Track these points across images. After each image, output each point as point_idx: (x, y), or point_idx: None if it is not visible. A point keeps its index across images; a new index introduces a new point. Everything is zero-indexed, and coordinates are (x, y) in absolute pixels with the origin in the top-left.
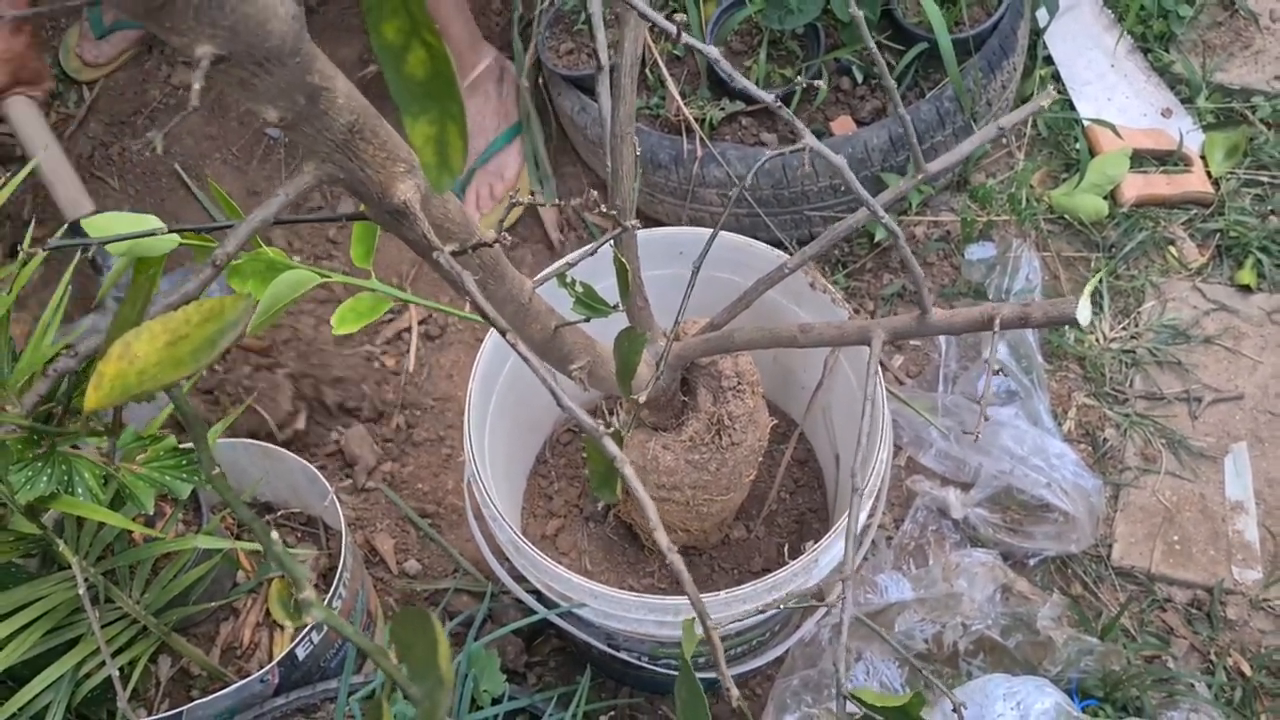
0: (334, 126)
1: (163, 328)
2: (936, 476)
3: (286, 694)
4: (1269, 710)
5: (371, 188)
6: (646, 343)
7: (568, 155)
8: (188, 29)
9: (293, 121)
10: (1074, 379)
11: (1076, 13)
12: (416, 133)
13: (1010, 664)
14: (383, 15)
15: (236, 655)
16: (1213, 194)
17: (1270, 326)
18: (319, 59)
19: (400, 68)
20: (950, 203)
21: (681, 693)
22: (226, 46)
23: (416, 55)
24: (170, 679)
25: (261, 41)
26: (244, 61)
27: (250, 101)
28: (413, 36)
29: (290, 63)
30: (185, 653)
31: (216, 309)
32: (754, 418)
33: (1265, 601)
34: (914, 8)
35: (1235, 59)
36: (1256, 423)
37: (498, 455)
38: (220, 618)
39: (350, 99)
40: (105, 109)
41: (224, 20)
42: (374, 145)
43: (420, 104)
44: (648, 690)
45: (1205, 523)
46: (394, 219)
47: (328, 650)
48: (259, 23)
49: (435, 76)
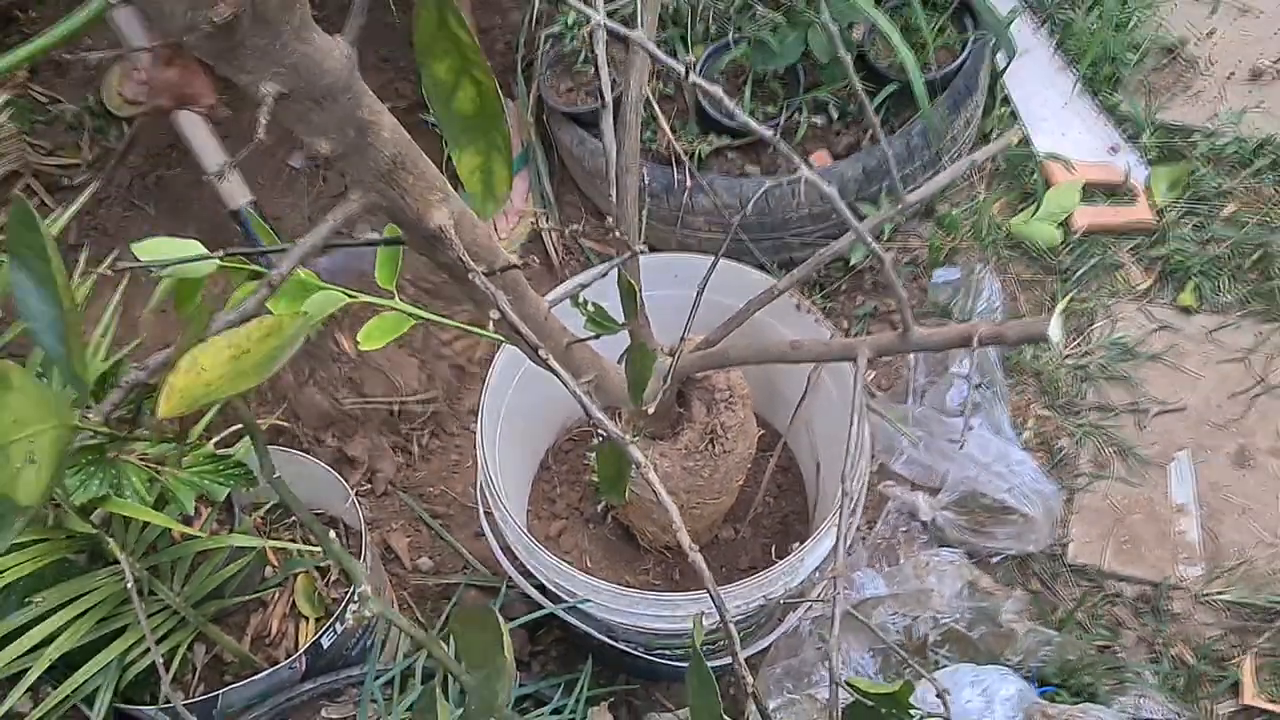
0: (379, 158)
1: (227, 343)
2: (906, 481)
3: (313, 679)
4: (1210, 696)
5: (410, 214)
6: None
7: (567, 185)
8: (254, 68)
9: (343, 153)
10: (1032, 392)
11: (1032, 56)
12: (464, 163)
13: (975, 654)
14: (434, 55)
15: (265, 643)
16: (1156, 223)
17: (1210, 344)
18: (367, 95)
19: (450, 103)
20: (918, 230)
21: (693, 679)
22: (288, 84)
23: (466, 92)
24: (205, 665)
25: (318, 80)
26: (303, 98)
27: (306, 134)
28: (463, 74)
29: (343, 99)
30: (220, 641)
31: (275, 326)
32: (744, 428)
33: (1207, 596)
34: (886, 52)
35: (1176, 100)
36: (1199, 432)
37: (506, 462)
38: (251, 609)
39: (394, 133)
40: (144, 141)
41: (286, 60)
42: (414, 175)
43: (468, 136)
44: (644, 678)
45: (1152, 524)
46: (429, 243)
47: (349, 640)
48: (316, 62)
49: (483, 111)
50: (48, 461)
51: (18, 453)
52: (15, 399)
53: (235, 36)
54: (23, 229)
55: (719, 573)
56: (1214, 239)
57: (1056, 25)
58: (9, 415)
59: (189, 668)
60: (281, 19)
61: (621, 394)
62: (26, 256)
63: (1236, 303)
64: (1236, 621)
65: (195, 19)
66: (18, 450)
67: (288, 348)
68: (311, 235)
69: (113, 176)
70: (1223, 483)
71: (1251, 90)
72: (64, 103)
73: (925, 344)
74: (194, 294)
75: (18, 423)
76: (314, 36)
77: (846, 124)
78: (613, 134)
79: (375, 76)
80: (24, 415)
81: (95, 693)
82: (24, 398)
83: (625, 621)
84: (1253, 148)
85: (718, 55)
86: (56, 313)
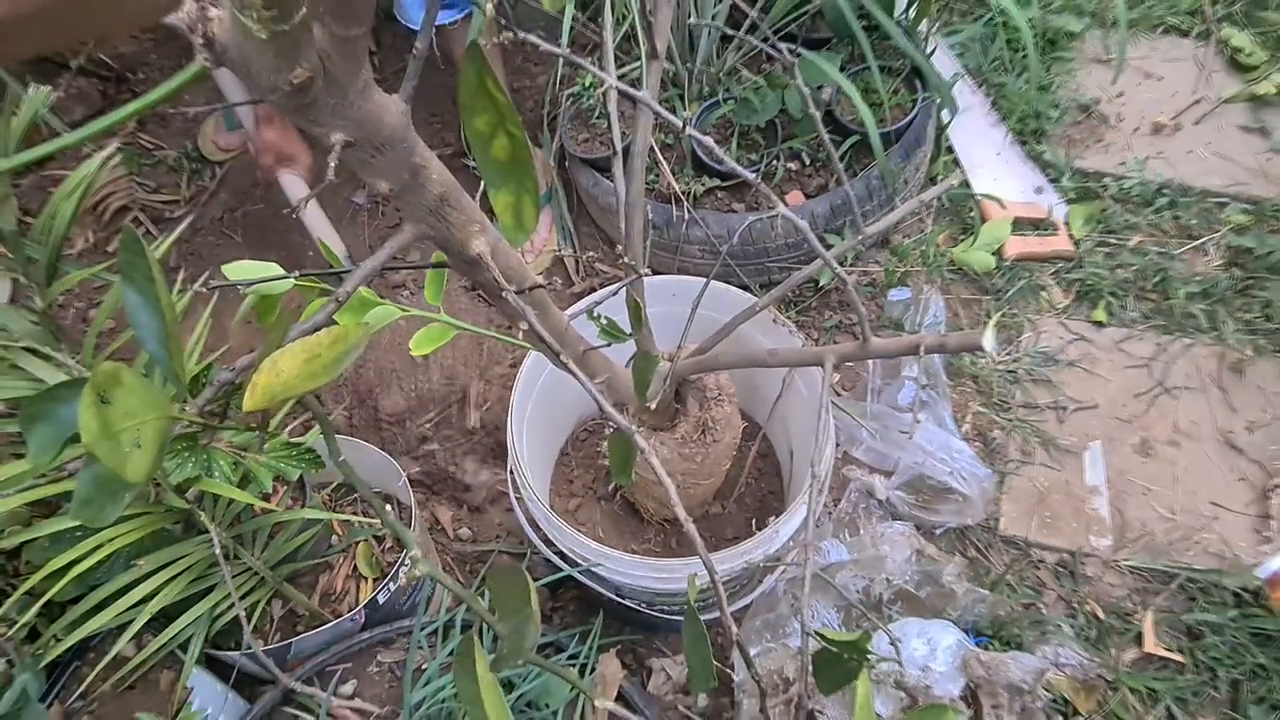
0: (429, 196)
1: (302, 348)
2: (865, 466)
3: (370, 630)
4: (1118, 645)
5: (454, 243)
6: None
7: (584, 219)
8: (325, 121)
9: (399, 193)
10: (970, 392)
11: (971, 113)
12: (498, 201)
13: (922, 610)
14: (475, 111)
15: (331, 600)
16: (1074, 251)
17: (1118, 353)
18: (419, 144)
19: (487, 150)
20: (875, 257)
21: (688, 629)
22: (354, 134)
23: (500, 142)
24: (281, 617)
25: (379, 130)
26: (365, 146)
27: (368, 177)
28: (499, 127)
29: (399, 147)
30: (293, 597)
31: (343, 334)
32: (730, 421)
33: (1115, 562)
34: (849, 109)
35: (1091, 150)
36: (1108, 426)
37: (533, 449)
38: (319, 571)
39: (441, 174)
40: (231, 183)
41: (352, 115)
42: (457, 210)
43: (502, 179)
44: (646, 629)
45: (1069, 502)
46: (469, 267)
47: (401, 597)
48: (377, 117)
49: (514, 158)
50: (151, 446)
51: (127, 439)
52: (124, 394)
53: (310, 95)
54: (132, 254)
55: (709, 541)
56: (1122, 265)
57: (991, 87)
58: (120, 408)
59: (268, 619)
60: (349, 82)
61: (628, 392)
62: (135, 277)
63: (1140, 318)
64: (1139, 584)
65: (277, 80)
66: (127, 437)
67: (353, 352)
68: (373, 259)
69: (206, 210)
70: (1128, 468)
71: (1153, 142)
72: (166, 149)
73: (881, 352)
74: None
75: (127, 414)
76: (375, 95)
77: (816, 168)
78: (623, 176)
79: (425, 129)
80: (132, 408)
81: (189, 641)
82: (132, 394)
83: (630, 582)
84: (1154, 190)
85: (709, 111)
86: (159, 324)
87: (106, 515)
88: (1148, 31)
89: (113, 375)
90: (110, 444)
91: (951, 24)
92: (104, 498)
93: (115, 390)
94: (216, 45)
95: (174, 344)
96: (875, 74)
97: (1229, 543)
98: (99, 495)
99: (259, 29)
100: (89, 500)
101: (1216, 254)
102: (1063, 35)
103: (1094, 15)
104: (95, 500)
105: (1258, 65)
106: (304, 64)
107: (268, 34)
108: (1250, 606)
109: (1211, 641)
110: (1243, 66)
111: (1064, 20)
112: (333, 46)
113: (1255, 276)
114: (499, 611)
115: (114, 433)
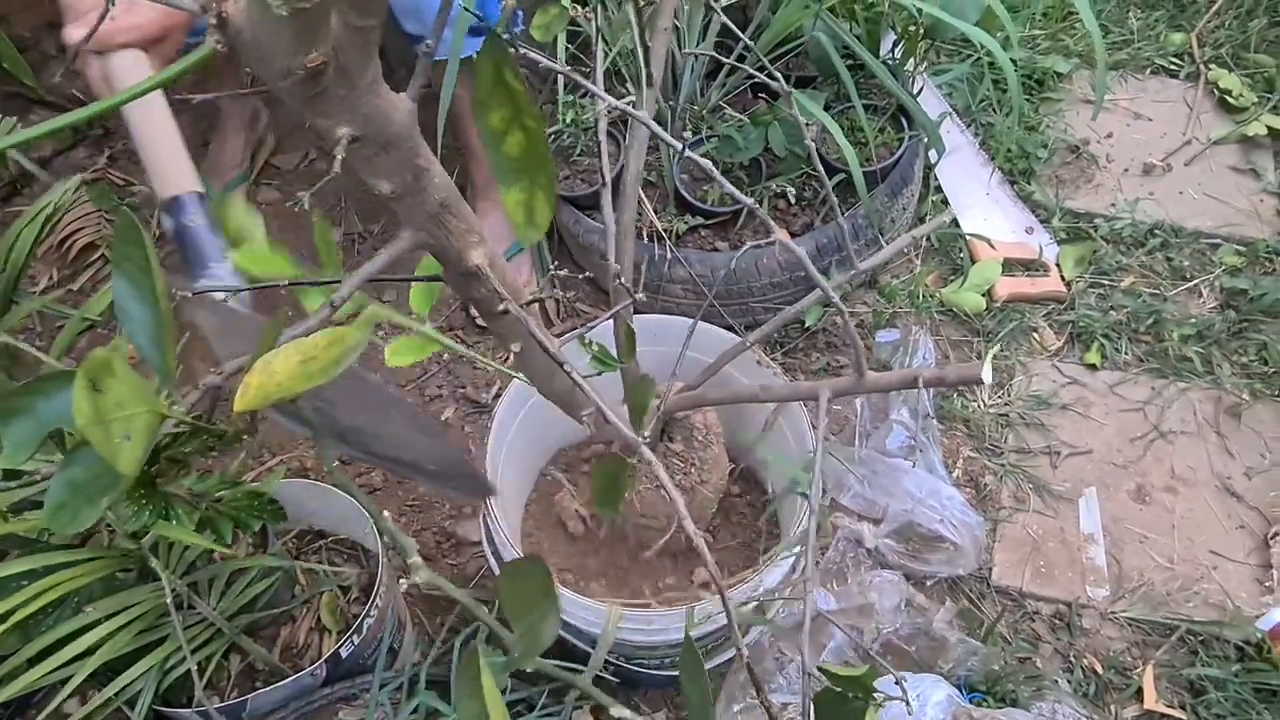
0: (430, 201)
1: (296, 350)
2: (853, 513)
3: (332, 685)
4: (1117, 701)
5: (451, 253)
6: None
7: (564, 258)
8: (333, 114)
9: (400, 194)
10: (961, 436)
11: (960, 153)
12: (510, 197)
13: (911, 665)
14: (491, 106)
15: (293, 653)
16: (1066, 293)
17: (1112, 397)
18: (423, 145)
19: (500, 147)
20: (864, 298)
21: (685, 664)
22: (360, 129)
23: (514, 138)
24: (239, 672)
25: (385, 127)
26: (371, 143)
27: (370, 177)
28: (514, 123)
29: (404, 146)
30: (252, 651)
31: (339, 336)
32: (718, 461)
33: (1112, 614)
34: (834, 147)
35: (1081, 190)
36: (1103, 472)
37: (506, 492)
38: (281, 622)
39: (443, 179)
40: None
41: (360, 109)
42: (457, 218)
43: (515, 175)
44: (625, 685)
45: (1064, 551)
46: (465, 280)
47: (366, 650)
48: (385, 113)
49: (528, 153)
50: (140, 439)
51: (118, 429)
52: (116, 384)
53: (320, 83)
54: (127, 244)
55: (685, 589)
56: (1114, 307)
57: (980, 127)
58: (112, 397)
59: (224, 674)
60: (359, 74)
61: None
62: (128, 268)
63: (1134, 361)
64: (1138, 636)
65: (291, 64)
66: (118, 427)
67: (351, 354)
68: (369, 265)
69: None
70: (1124, 515)
71: (1143, 183)
72: (139, 184)
73: (877, 385)
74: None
75: (118, 404)
76: (383, 91)
77: (802, 207)
78: (611, 207)
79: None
80: (123, 399)
81: (137, 696)
82: (124, 385)
83: None
84: (1145, 230)
85: (693, 148)
86: (153, 316)
87: (82, 520)
88: (1137, 72)
89: (105, 363)
90: (103, 431)
91: (938, 63)
92: (79, 502)
93: (107, 378)
94: (230, 26)
95: (166, 339)
96: (860, 113)
97: (1230, 593)
98: (74, 500)
99: (281, 5)
100: (64, 505)
101: (1210, 295)
102: (1050, 75)
103: (1081, 56)
104: (70, 505)
105: (1247, 106)
106: (320, 48)
107: (290, 10)
108: (1253, 660)
109: (1214, 698)
110: (1232, 108)
111: (1051, 61)
112: (346, 36)
113: (1250, 319)
114: (510, 611)
115: (106, 421)
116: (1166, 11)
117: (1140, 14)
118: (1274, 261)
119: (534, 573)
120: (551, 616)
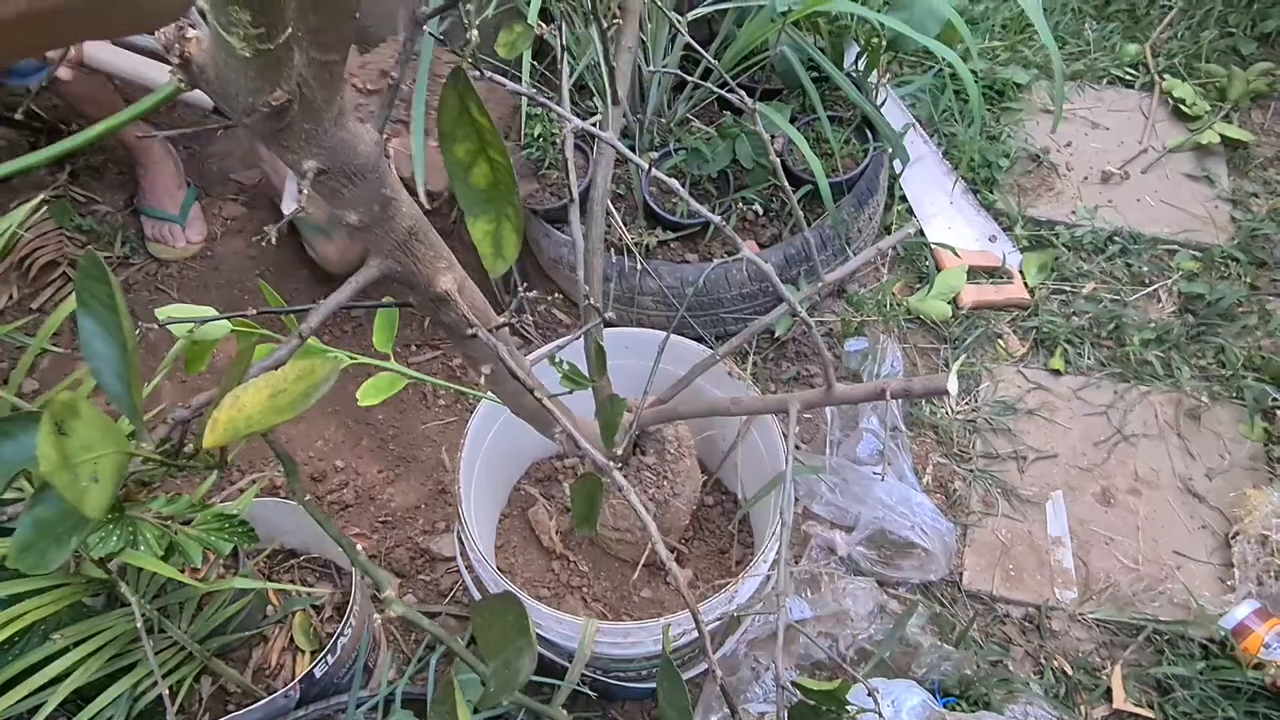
0: (398, 229)
1: (266, 383)
2: (826, 521)
3: (306, 707)
4: (1087, 702)
5: (420, 280)
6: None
7: (536, 273)
8: (299, 148)
9: (368, 224)
10: (930, 443)
11: (924, 163)
12: (476, 229)
13: (885, 670)
14: (455, 139)
15: (266, 675)
16: (1030, 300)
17: (1076, 401)
18: (391, 175)
19: (466, 179)
20: (832, 307)
21: (663, 679)
22: (327, 163)
23: (480, 169)
24: (210, 695)
25: (352, 159)
26: (338, 175)
27: (338, 208)
28: (480, 155)
29: (371, 177)
30: (224, 674)
31: (309, 369)
32: (691, 474)
33: (1081, 615)
34: (801, 159)
35: (1042, 198)
36: (1069, 475)
37: (480, 508)
38: (253, 644)
39: (410, 208)
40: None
41: (327, 142)
42: (425, 245)
43: (481, 206)
44: (602, 698)
45: (1033, 554)
46: (435, 305)
47: (340, 670)
48: (351, 145)
49: (495, 185)
50: (108, 481)
51: (85, 472)
52: (83, 427)
53: (286, 119)
54: (91, 280)
55: (666, 602)
56: (1077, 313)
57: (943, 137)
58: (78, 440)
59: (196, 698)
60: (325, 108)
61: (594, 441)
62: (93, 305)
63: (1097, 366)
64: (1106, 636)
65: (255, 102)
66: (85, 470)
67: (321, 387)
68: (335, 295)
69: (142, 266)
70: (1090, 518)
71: (1102, 190)
72: (100, 202)
73: (846, 398)
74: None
75: (84, 446)
76: (350, 124)
77: (770, 219)
78: (579, 222)
79: None
80: (89, 440)
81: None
82: (90, 426)
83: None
84: (1105, 237)
85: (661, 161)
86: (119, 354)
87: (50, 561)
88: (1094, 83)
89: (70, 406)
90: (69, 475)
91: (901, 75)
92: (46, 542)
93: (73, 421)
94: (194, 66)
95: (134, 377)
96: (825, 124)
97: (1193, 592)
98: (41, 539)
99: (243, 47)
100: (30, 545)
101: (1169, 300)
102: (1010, 86)
103: (1040, 67)
104: (37, 545)
105: (1200, 115)
106: (284, 86)
107: (252, 52)
108: (1218, 658)
109: (1181, 696)
110: (1186, 116)
111: (1011, 72)
112: (311, 72)
113: (1207, 322)
114: (484, 647)
115: (72, 465)
116: (1121, 23)
117: (1096, 25)
118: (1229, 266)
119: (508, 610)
120: (527, 654)
